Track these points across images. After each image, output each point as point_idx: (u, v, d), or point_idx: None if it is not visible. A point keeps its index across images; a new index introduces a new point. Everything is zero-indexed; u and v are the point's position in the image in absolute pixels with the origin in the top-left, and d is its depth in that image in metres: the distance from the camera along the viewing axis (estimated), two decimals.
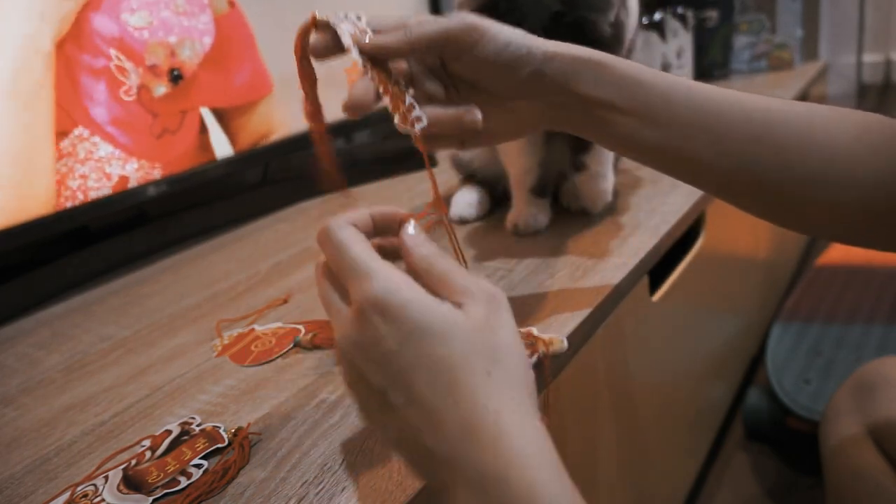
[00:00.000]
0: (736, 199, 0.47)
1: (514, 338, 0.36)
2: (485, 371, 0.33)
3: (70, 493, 0.43)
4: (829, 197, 0.42)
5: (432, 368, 0.33)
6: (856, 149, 0.42)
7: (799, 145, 0.42)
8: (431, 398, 0.33)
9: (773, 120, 0.43)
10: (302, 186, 1.03)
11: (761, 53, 1.56)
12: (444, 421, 0.33)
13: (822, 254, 1.38)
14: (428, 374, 0.33)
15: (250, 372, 0.55)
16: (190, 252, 0.88)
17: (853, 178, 0.42)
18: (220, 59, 0.89)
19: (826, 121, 0.43)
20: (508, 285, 0.64)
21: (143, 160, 0.83)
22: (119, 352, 0.63)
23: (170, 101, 0.85)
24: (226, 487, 0.42)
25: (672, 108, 0.44)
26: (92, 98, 0.79)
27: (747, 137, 0.43)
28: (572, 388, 0.56)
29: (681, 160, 0.45)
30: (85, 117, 0.78)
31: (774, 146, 0.43)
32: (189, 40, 0.86)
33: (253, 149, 0.92)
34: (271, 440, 0.45)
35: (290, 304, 0.67)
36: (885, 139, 0.42)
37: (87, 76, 0.78)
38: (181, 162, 0.87)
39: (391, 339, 0.33)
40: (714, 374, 1.01)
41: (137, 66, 0.82)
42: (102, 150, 0.80)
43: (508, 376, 0.34)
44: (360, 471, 0.41)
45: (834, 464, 0.68)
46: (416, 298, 0.34)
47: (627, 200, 0.81)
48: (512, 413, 0.33)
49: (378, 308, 0.34)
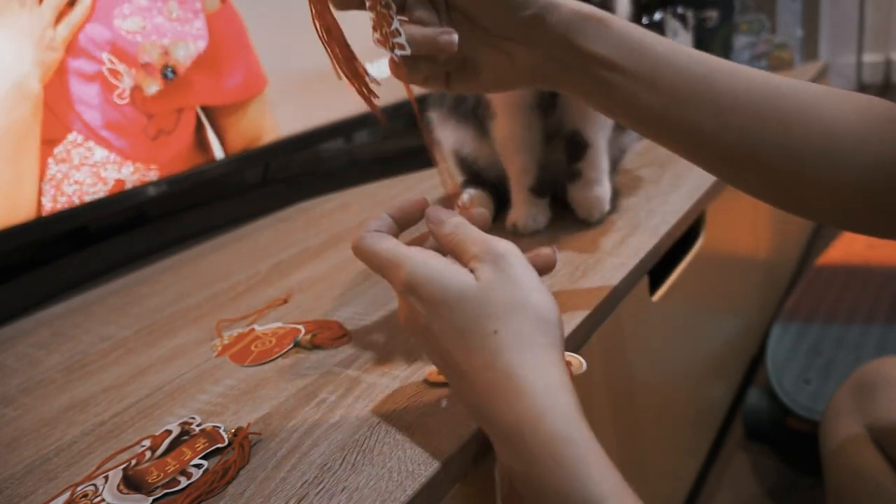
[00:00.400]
0: (735, 175, 0.45)
1: (523, 291, 0.37)
2: (492, 331, 0.36)
3: (70, 493, 0.43)
4: (830, 178, 0.42)
5: (453, 336, 0.37)
6: (858, 129, 0.41)
7: (802, 122, 0.42)
8: (459, 363, 0.37)
9: (779, 94, 0.42)
10: (302, 186, 1.03)
11: (761, 53, 1.56)
12: (473, 384, 0.36)
13: (822, 254, 1.38)
14: (451, 342, 0.37)
15: (250, 372, 0.55)
16: (190, 252, 0.88)
17: (854, 159, 0.41)
18: (213, 60, 0.89)
19: (829, 100, 0.42)
20: None
21: (138, 163, 0.83)
22: (119, 352, 0.63)
23: (164, 99, 0.85)
24: (226, 487, 0.42)
25: (675, 72, 0.43)
26: (85, 102, 0.79)
27: (752, 111, 0.42)
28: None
29: (681, 130, 0.44)
30: (78, 122, 0.78)
31: (778, 122, 0.42)
32: (183, 42, 0.86)
33: (253, 149, 0.92)
34: (271, 440, 0.45)
35: (290, 304, 0.67)
36: (887, 122, 0.41)
37: (78, 81, 0.78)
38: (179, 162, 0.87)
39: (423, 314, 0.38)
40: (714, 374, 1.01)
41: (130, 68, 0.82)
42: (97, 154, 0.80)
43: (517, 332, 0.36)
44: (360, 471, 0.41)
45: (834, 464, 0.68)
46: (437, 273, 0.37)
47: (627, 200, 0.81)
48: (521, 368, 0.35)
49: (409, 288, 0.38)
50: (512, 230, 0.75)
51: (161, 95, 0.85)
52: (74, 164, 0.78)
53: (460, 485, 0.43)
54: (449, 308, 0.37)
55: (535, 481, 0.34)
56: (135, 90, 0.83)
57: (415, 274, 0.37)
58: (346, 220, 0.90)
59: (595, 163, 0.74)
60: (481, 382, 0.36)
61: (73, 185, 0.78)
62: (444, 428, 0.44)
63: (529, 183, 0.75)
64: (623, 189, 0.85)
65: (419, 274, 0.37)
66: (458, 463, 0.42)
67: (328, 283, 0.71)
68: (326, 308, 0.65)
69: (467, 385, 0.37)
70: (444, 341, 0.37)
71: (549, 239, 0.73)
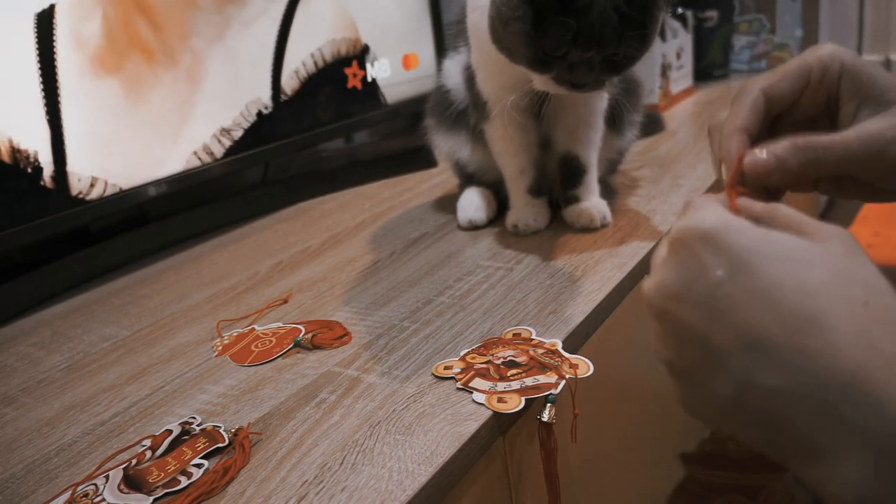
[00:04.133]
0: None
1: (885, 280, 0.28)
2: (861, 301, 0.26)
3: (71, 493, 0.43)
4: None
5: (780, 300, 0.26)
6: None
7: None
8: (782, 336, 0.26)
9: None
10: (302, 186, 1.03)
11: (761, 53, 1.56)
12: (803, 365, 0.25)
13: None
14: (774, 308, 0.26)
15: (250, 372, 0.55)
16: (190, 252, 0.88)
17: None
18: None
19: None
20: (508, 285, 0.64)
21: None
22: (120, 352, 0.63)
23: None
24: (226, 487, 0.42)
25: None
26: None
27: None
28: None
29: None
30: None
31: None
32: None
33: (253, 149, 0.92)
34: (271, 440, 0.46)
35: (290, 304, 0.67)
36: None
37: None
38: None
39: (715, 268, 0.28)
40: None
41: None
42: None
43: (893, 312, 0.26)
44: (360, 471, 0.41)
45: None
46: (749, 227, 0.29)
47: (627, 200, 0.82)
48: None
49: (700, 237, 0.29)
50: (512, 231, 0.75)
51: None
52: None
53: (460, 484, 0.43)
54: (779, 265, 0.27)
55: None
56: None
57: (713, 223, 0.29)
58: (346, 220, 0.90)
59: (590, 185, 0.75)
60: (830, 366, 0.25)
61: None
62: (444, 428, 0.44)
63: (527, 184, 0.75)
64: (623, 189, 0.86)
65: (720, 225, 0.29)
66: (458, 463, 0.42)
67: (328, 283, 0.71)
68: (326, 308, 0.65)
69: (781, 369, 0.26)
70: (753, 308, 0.27)
71: (549, 238, 0.73)
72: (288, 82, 0.95)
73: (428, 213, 0.87)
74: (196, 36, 0.85)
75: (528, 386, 0.47)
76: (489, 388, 0.47)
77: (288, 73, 0.95)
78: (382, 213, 0.90)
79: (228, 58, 0.88)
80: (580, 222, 0.74)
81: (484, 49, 0.66)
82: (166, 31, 0.82)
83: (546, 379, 0.48)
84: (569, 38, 0.56)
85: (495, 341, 0.54)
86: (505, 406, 0.45)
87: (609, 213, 0.75)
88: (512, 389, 0.47)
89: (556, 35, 0.56)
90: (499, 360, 0.51)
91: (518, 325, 0.56)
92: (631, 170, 0.93)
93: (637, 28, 0.57)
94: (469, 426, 0.44)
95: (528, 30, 0.57)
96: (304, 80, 0.97)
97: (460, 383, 0.49)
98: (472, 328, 0.57)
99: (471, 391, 0.47)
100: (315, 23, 0.97)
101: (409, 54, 1.09)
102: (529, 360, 0.50)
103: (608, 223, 0.74)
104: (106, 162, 0.78)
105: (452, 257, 0.72)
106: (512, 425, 0.48)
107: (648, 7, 0.57)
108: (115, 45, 0.77)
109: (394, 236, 0.81)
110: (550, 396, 0.47)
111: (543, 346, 0.52)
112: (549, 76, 0.60)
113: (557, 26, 0.56)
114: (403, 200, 0.95)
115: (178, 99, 0.84)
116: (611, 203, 0.77)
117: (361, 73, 1.03)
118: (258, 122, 0.93)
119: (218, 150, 0.89)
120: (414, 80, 1.10)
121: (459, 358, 0.52)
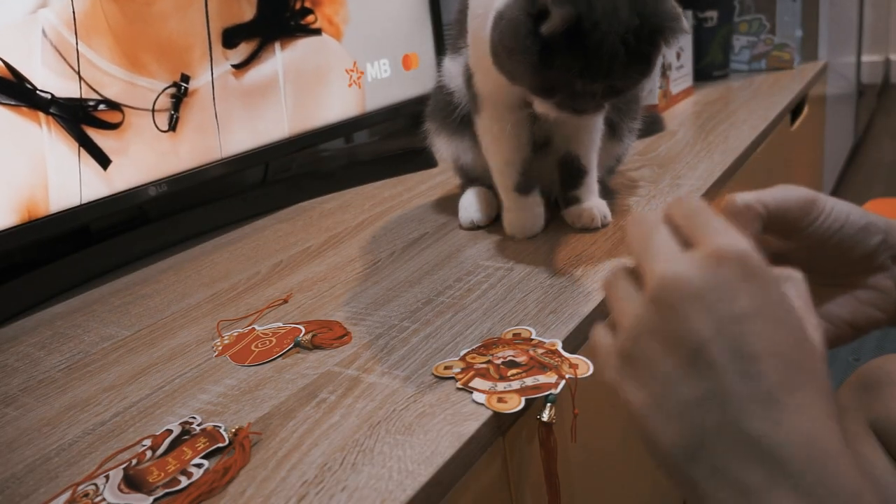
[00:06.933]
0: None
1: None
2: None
3: (71, 493, 0.43)
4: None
5: (780, 318, 0.29)
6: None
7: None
8: (777, 384, 0.28)
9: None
10: (302, 186, 1.03)
11: (761, 54, 1.57)
12: (797, 382, 0.29)
13: None
14: (782, 363, 0.29)
15: (250, 372, 0.55)
16: (190, 252, 0.88)
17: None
18: None
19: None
20: (508, 285, 0.64)
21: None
22: (120, 351, 0.63)
23: None
24: (226, 487, 0.42)
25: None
26: None
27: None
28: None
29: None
30: None
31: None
32: None
33: (253, 149, 0.92)
34: (271, 440, 0.46)
35: (290, 304, 0.67)
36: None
37: None
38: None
39: (747, 301, 0.29)
40: None
41: None
42: None
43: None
44: (360, 471, 0.41)
45: None
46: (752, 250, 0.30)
47: (627, 200, 0.82)
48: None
49: (743, 264, 0.30)
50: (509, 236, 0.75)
51: None
52: None
53: (460, 484, 0.43)
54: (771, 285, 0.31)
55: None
56: None
57: (732, 244, 0.31)
58: (347, 220, 0.90)
59: (591, 185, 0.75)
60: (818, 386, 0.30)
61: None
62: (444, 428, 0.44)
63: (514, 178, 0.73)
64: (623, 189, 0.86)
65: (736, 244, 0.31)
66: (458, 463, 0.42)
67: (328, 283, 0.71)
68: (326, 308, 0.65)
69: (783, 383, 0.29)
70: (759, 324, 0.30)
71: (549, 238, 0.73)
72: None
73: (428, 214, 0.88)
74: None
75: (528, 386, 0.47)
76: (489, 387, 0.47)
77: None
78: (382, 214, 0.90)
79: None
80: (581, 222, 0.74)
81: (482, 56, 0.65)
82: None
83: (546, 379, 0.48)
84: (576, 71, 0.56)
85: (495, 341, 0.54)
86: (505, 406, 0.45)
87: (609, 213, 0.75)
88: (512, 389, 0.47)
89: (563, 68, 0.56)
90: (499, 360, 0.51)
91: (518, 325, 0.56)
92: (630, 170, 0.93)
93: (643, 62, 0.57)
94: (469, 426, 0.44)
95: (534, 61, 0.56)
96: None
97: (460, 383, 0.49)
98: (472, 328, 0.57)
99: (471, 391, 0.48)
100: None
101: (409, 54, 1.09)
102: (529, 360, 0.50)
103: (608, 223, 0.74)
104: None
105: (452, 257, 0.72)
106: (512, 425, 0.48)
107: (656, 41, 0.57)
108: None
109: (394, 236, 0.81)
110: (550, 396, 0.47)
111: (543, 345, 0.52)
112: (551, 102, 0.60)
113: (565, 59, 0.55)
114: (403, 200, 0.95)
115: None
116: (610, 203, 0.77)
117: (361, 73, 1.03)
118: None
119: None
120: (414, 80, 1.10)
121: (459, 358, 0.52)
